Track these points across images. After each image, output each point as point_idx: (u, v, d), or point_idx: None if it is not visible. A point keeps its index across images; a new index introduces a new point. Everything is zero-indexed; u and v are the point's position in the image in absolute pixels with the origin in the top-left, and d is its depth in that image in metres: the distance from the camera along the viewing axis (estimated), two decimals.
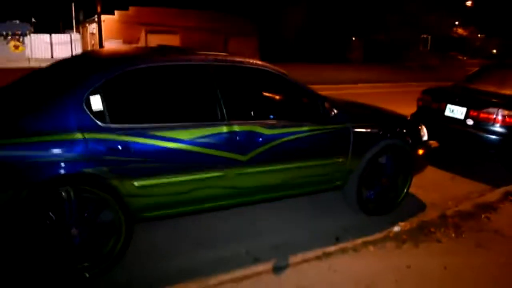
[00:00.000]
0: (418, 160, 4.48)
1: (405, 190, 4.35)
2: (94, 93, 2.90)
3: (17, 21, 34.99)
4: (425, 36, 40.89)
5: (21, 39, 33.63)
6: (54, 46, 32.94)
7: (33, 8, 37.97)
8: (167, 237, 3.67)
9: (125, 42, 31.14)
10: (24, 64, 24.90)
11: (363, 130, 4.03)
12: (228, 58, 3.63)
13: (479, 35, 49.09)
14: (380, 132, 4.13)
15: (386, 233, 3.81)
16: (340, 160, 3.90)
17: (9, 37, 33.76)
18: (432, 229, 3.89)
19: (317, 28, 36.25)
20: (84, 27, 37.43)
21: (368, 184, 4.20)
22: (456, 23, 44.65)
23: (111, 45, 29.80)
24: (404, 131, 4.35)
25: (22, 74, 3.69)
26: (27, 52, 32.17)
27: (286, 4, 34.28)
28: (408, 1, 34.37)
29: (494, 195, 4.83)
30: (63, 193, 2.80)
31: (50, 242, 2.82)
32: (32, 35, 34.02)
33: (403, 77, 20.13)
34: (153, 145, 3.00)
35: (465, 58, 42.76)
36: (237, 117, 3.37)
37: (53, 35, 34.43)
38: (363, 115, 4.35)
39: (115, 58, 3.45)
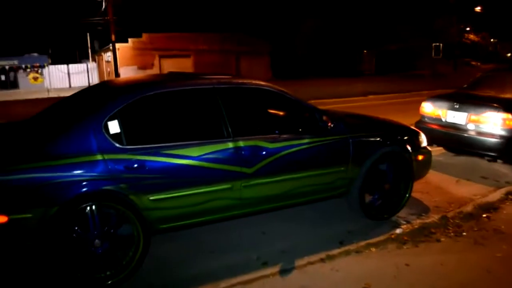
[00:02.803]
0: (420, 165, 4.69)
1: (407, 195, 4.55)
2: (111, 119, 3.28)
3: (35, 54, 36.19)
4: (436, 44, 40.93)
5: (39, 71, 34.85)
6: (71, 76, 34.08)
7: (50, 40, 39.33)
8: (183, 247, 3.95)
9: (139, 68, 31.98)
10: (44, 95, 25.82)
11: (362, 139, 4.29)
12: (231, 80, 3.97)
13: (491, 40, 48.89)
14: (379, 141, 4.38)
15: (388, 235, 4.02)
16: (342, 168, 4.16)
17: (28, 70, 35.01)
18: (433, 230, 4.09)
19: (329, 43, 36.68)
20: (99, 55, 38.54)
21: (371, 190, 4.44)
22: (467, 29, 44.63)
23: (126, 71, 30.65)
24: (403, 138, 4.58)
25: (42, 104, 4.08)
26: (46, 83, 33.33)
27: (297, 22, 34.84)
28: (419, 9, 34.61)
29: (495, 195, 4.99)
30: (87, 209, 3.14)
31: (76, 252, 3.17)
32: (50, 66, 35.22)
33: (415, 86, 20.23)
34: (166, 163, 3.34)
35: (479, 63, 42.56)
36: (242, 133, 3.69)
37: (70, 65, 35.64)
38: (361, 125, 4.62)
39: (127, 87, 3.83)
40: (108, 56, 34.33)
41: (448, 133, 6.28)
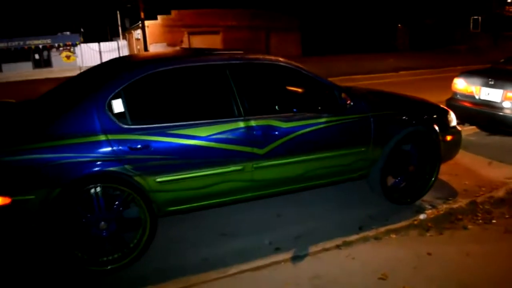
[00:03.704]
0: (448, 146, 4.38)
1: (433, 178, 4.26)
2: (115, 97, 3.14)
3: (68, 33, 36.76)
4: (475, 17, 38.98)
5: (72, 49, 35.44)
6: (102, 54, 34.47)
7: (82, 19, 39.80)
8: (193, 229, 3.84)
9: (169, 45, 32.02)
10: (76, 73, 26.11)
11: (385, 118, 4.01)
12: (243, 56, 3.74)
13: None
14: (403, 120, 4.09)
15: (410, 221, 3.79)
16: (362, 149, 3.91)
17: (61, 48, 35.65)
18: (460, 216, 3.82)
19: (362, 17, 35.57)
20: (129, 33, 38.79)
21: (394, 172, 4.19)
22: (508, 0, 42.29)
23: (156, 48, 30.73)
24: (429, 117, 4.27)
25: None
26: (78, 61, 33.86)
27: None
28: None
29: None
30: (91, 191, 3.05)
31: (81, 235, 3.10)
32: (82, 44, 35.74)
33: (450, 62, 19.38)
34: (172, 143, 3.19)
35: None
36: (254, 112, 3.48)
37: (101, 43, 36.06)
38: (384, 103, 4.31)
39: (132, 64, 3.66)
40: (137, 33, 34.49)
41: (482, 111, 5.89)
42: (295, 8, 34.04)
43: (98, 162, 3.01)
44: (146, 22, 29.22)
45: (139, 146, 3.09)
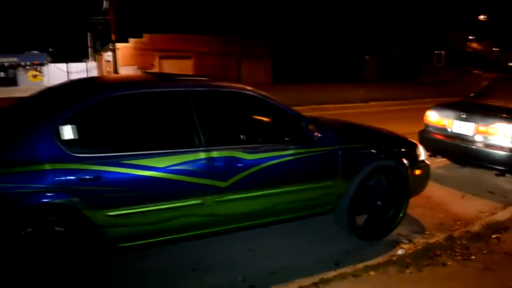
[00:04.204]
0: (416, 180, 4.27)
1: (401, 214, 4.12)
2: (65, 123, 2.87)
3: (36, 52, 35.96)
4: (439, 51, 40.61)
5: (39, 69, 34.59)
6: (70, 75, 33.69)
7: (51, 38, 39.13)
8: (160, 263, 3.59)
9: (139, 68, 31.59)
10: None
11: (353, 151, 3.88)
12: (207, 83, 3.58)
13: (493, 49, 48.61)
14: (372, 153, 3.99)
15: (388, 257, 3.67)
16: (329, 183, 3.76)
17: (28, 67, 34.73)
18: (438, 252, 3.72)
19: (331, 47, 36.38)
20: (100, 55, 38.27)
21: (361, 207, 4.00)
22: (470, 37, 44.37)
23: (126, 71, 30.37)
24: (398, 151, 4.19)
25: None
26: (45, 81, 32.95)
27: (299, 25, 34.62)
28: (420, 17, 34.38)
29: (504, 213, 4.63)
30: (31, 226, 2.74)
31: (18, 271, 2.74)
32: (50, 64, 34.95)
33: (416, 94, 19.88)
34: (125, 174, 2.93)
35: (480, 72, 42.24)
36: (216, 143, 3.28)
37: (69, 64, 35.35)
38: (353, 136, 4.20)
39: (87, 88, 3.43)
40: (108, 55, 34.01)
41: (454, 144, 5.92)
42: (267, 36, 34.52)
43: (41, 193, 2.71)
44: (118, 45, 28.86)
45: (88, 176, 2.82)
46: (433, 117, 6.36)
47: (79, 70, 35.22)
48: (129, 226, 3.02)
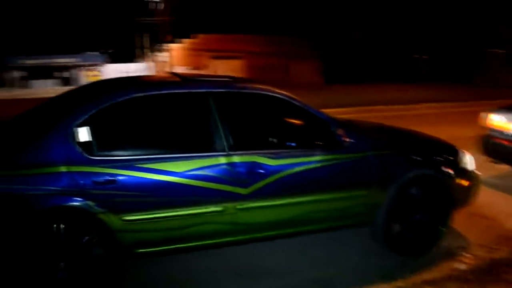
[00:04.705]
0: (461, 192, 3.88)
1: (444, 229, 3.78)
2: (81, 125, 2.83)
3: (96, 52, 37.76)
4: (499, 51, 38.38)
5: (98, 69, 36.19)
6: (127, 75, 34.99)
7: (110, 40, 40.82)
8: (205, 266, 3.51)
9: (192, 68, 32.36)
10: None
11: (388, 158, 3.58)
12: (230, 84, 3.44)
13: None
14: (410, 161, 3.66)
15: (447, 271, 3.39)
16: (362, 192, 3.49)
17: (88, 68, 36.46)
18: (502, 268, 3.41)
19: (383, 47, 35.50)
20: (155, 56, 39.46)
21: (399, 220, 3.67)
22: None
23: (179, 71, 31.13)
24: (440, 159, 3.82)
25: None
26: None
27: (349, 24, 34.02)
28: (478, 15, 32.71)
29: None
30: (46, 226, 2.74)
31: (35, 274, 2.73)
32: (108, 65, 36.48)
33: (474, 95, 18.89)
34: (141, 178, 2.85)
35: None
36: (238, 147, 3.12)
37: (127, 64, 36.73)
38: (389, 141, 3.86)
39: (106, 89, 3.34)
40: (162, 56, 35.09)
41: None
42: (316, 36, 34.16)
43: (56, 196, 2.69)
44: (171, 45, 29.70)
45: (103, 180, 2.77)
46: (497, 120, 5.91)
47: (135, 70, 36.52)
48: (145, 232, 2.94)
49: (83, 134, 2.81)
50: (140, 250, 2.98)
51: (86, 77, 36.35)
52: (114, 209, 2.80)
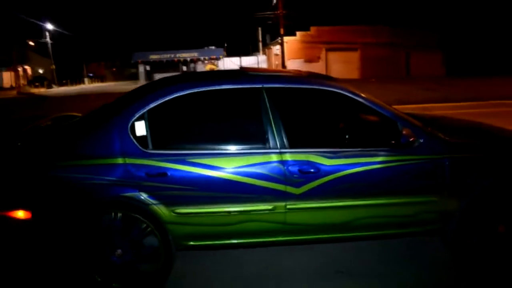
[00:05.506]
0: None
1: None
2: (139, 119, 2.96)
3: (213, 47, 39.92)
4: None
5: (215, 63, 38.22)
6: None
7: (226, 34, 42.84)
8: (300, 259, 3.59)
9: (306, 61, 32.47)
10: None
11: (466, 162, 3.17)
12: (286, 78, 3.31)
13: None
14: (492, 166, 3.21)
15: None
16: (431, 199, 3.14)
17: (206, 61, 38.69)
18: None
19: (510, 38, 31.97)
20: (269, 48, 40.31)
21: (478, 231, 3.24)
22: None
23: (293, 64, 31.43)
24: None
25: None
26: None
27: (472, 14, 31.19)
28: None
29: None
30: (103, 215, 2.91)
31: (99, 258, 2.92)
32: (224, 58, 38.34)
33: None
34: (192, 173, 2.90)
35: None
36: (291, 145, 3.01)
37: (242, 57, 38.21)
38: (469, 143, 3.37)
39: (164, 84, 3.37)
40: (276, 49, 35.68)
41: None
42: (438, 25, 31.93)
43: (112, 186, 2.83)
44: (285, 38, 30.04)
45: (156, 172, 2.87)
46: None
47: (250, 63, 37.87)
48: (194, 225, 2.99)
49: (141, 128, 2.94)
50: (189, 243, 3.06)
51: (205, 70, 38.71)
52: (166, 201, 2.89)
